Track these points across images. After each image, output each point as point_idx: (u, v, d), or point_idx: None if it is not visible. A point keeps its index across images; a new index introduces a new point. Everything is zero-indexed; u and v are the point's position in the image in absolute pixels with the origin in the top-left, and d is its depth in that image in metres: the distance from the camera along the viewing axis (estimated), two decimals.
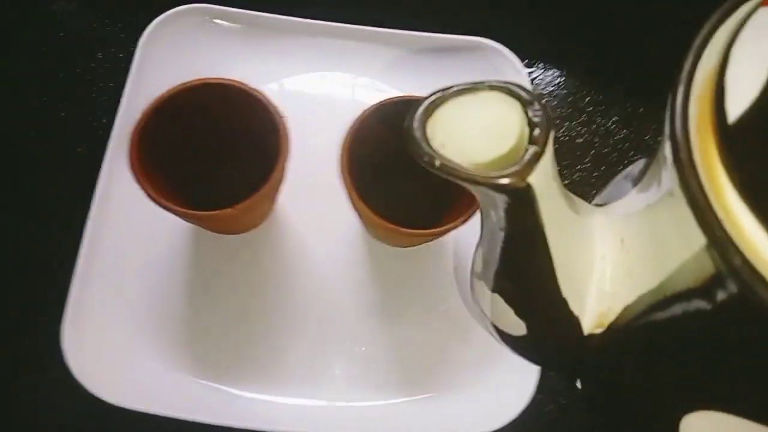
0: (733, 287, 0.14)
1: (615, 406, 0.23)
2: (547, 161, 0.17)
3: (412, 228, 0.32)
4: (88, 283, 0.37)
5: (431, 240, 0.36)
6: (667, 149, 0.16)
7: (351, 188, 0.32)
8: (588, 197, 0.43)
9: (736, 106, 0.16)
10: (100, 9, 0.47)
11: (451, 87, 0.18)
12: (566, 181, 0.44)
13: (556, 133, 0.45)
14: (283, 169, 0.32)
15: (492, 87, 0.18)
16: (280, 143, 0.32)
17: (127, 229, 0.39)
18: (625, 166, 0.45)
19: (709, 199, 0.15)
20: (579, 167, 0.45)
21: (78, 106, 0.45)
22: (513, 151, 0.17)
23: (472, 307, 0.24)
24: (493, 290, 0.21)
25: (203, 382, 0.38)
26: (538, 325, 0.21)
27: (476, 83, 0.18)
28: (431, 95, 0.18)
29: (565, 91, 0.47)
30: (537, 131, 0.17)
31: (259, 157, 0.34)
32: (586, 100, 0.47)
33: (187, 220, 0.33)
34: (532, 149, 0.16)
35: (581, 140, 0.46)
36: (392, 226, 0.32)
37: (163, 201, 0.31)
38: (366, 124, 0.34)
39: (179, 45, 0.43)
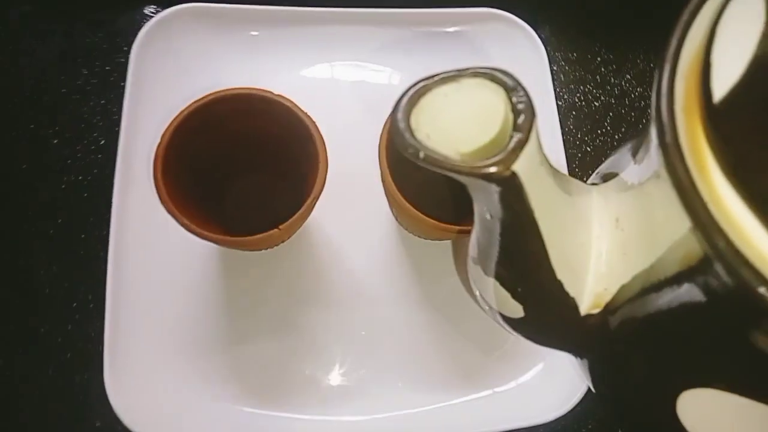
0: (720, 269, 0.14)
1: (615, 384, 0.23)
2: (533, 147, 0.16)
3: (448, 221, 0.32)
4: (120, 325, 0.35)
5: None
6: (652, 131, 0.16)
7: (391, 183, 0.31)
8: None
9: (721, 85, 0.16)
10: (72, 20, 0.43)
11: (434, 76, 0.17)
12: (589, 148, 0.44)
13: (572, 98, 0.45)
14: (324, 178, 0.31)
15: (475, 74, 0.17)
16: (317, 151, 0.31)
17: (150, 260, 0.37)
18: (645, 125, 0.45)
19: (694, 181, 0.14)
20: (600, 132, 0.45)
21: (70, 129, 0.40)
22: (498, 139, 0.17)
23: (472, 292, 0.24)
24: (488, 275, 0.21)
25: (252, 410, 0.35)
26: (535, 308, 0.21)
27: (460, 71, 0.18)
28: (414, 85, 0.17)
29: (575, 55, 0.47)
30: (521, 118, 0.16)
31: (291, 167, 0.34)
32: (597, 60, 0.47)
33: (224, 246, 0.31)
34: (516, 137, 0.16)
35: (598, 103, 0.45)
36: (445, 225, 0.31)
37: (200, 230, 0.29)
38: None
39: (176, 50, 0.40)
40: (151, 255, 0.37)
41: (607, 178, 0.23)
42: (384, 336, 0.37)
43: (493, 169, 0.16)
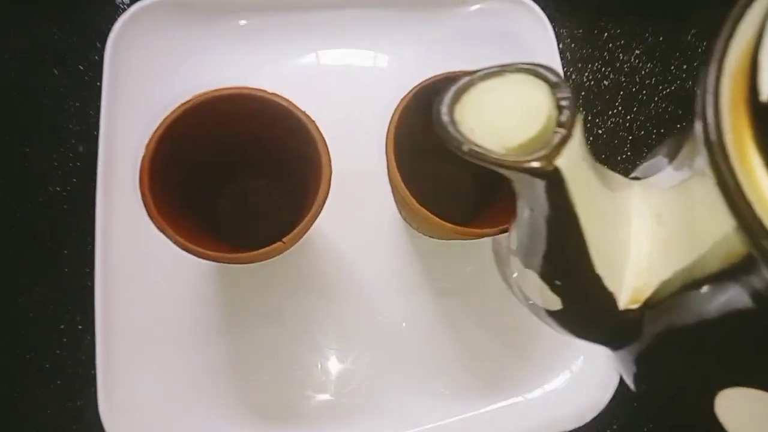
0: (763, 269, 0.14)
1: (651, 379, 0.23)
2: (576, 143, 0.17)
3: (457, 220, 0.29)
4: (112, 347, 0.32)
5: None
6: (698, 129, 0.16)
7: (400, 183, 0.29)
8: (625, 143, 0.42)
9: None
10: (38, 16, 0.39)
11: (478, 71, 0.18)
12: (600, 130, 0.42)
13: (580, 77, 0.43)
14: (329, 184, 0.28)
15: (519, 69, 0.18)
16: (319, 154, 0.28)
17: (140, 275, 0.34)
18: (657, 104, 0.43)
19: (739, 181, 0.14)
20: (611, 112, 0.42)
21: (44, 137, 0.37)
22: (541, 134, 0.17)
23: (508, 282, 0.24)
24: (527, 266, 0.21)
25: None
26: (573, 301, 0.21)
27: (504, 66, 0.18)
28: (458, 80, 0.18)
29: (581, 31, 0.44)
30: (564, 114, 0.17)
31: (290, 170, 0.32)
32: (604, 36, 0.44)
33: (222, 262, 0.28)
34: (560, 133, 0.17)
35: (608, 82, 0.43)
36: (463, 229, 0.29)
37: (195, 248, 0.26)
38: (409, 108, 0.30)
39: (154, 45, 0.37)
40: (141, 269, 0.34)
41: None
42: (398, 345, 0.35)
43: (536, 164, 0.17)
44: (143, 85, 0.36)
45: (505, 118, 0.18)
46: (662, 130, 0.42)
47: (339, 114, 0.37)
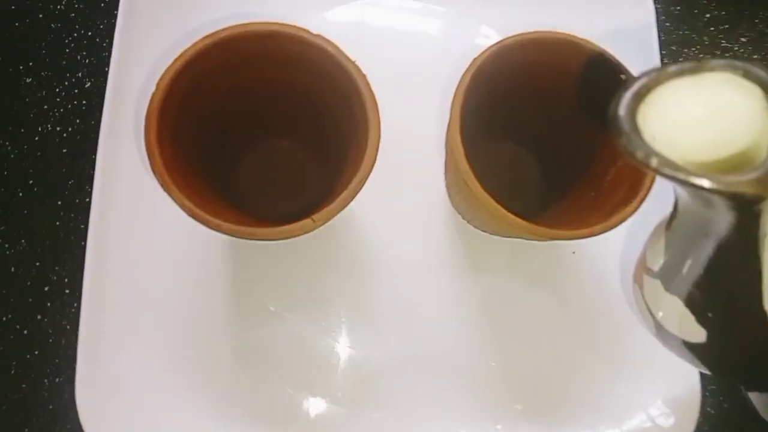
0: None
1: None
2: None
3: (520, 212, 0.24)
4: (99, 320, 0.28)
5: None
6: None
7: (463, 161, 0.24)
8: None
9: None
10: None
11: (666, 67, 0.16)
12: None
13: (669, 60, 0.36)
14: (375, 153, 0.23)
15: (723, 67, 0.15)
16: (366, 116, 0.23)
17: (141, 239, 0.29)
18: None
19: None
20: None
21: (48, 66, 0.32)
22: (744, 151, 0.15)
23: (637, 309, 0.22)
24: (672, 292, 0.19)
25: None
26: (723, 335, 0.19)
27: (699, 63, 0.15)
28: (642, 77, 0.15)
29: (680, 8, 0.38)
30: None
31: (328, 133, 0.27)
32: (706, 17, 0.38)
33: (236, 236, 0.23)
34: None
35: None
36: (534, 227, 0.23)
37: (205, 215, 0.22)
38: (483, 69, 0.24)
39: None
40: (143, 235, 0.29)
41: None
42: (429, 352, 0.30)
43: (747, 189, 0.14)
44: (165, 14, 0.31)
45: (695, 128, 0.15)
46: None
47: (390, 70, 0.31)
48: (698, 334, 0.19)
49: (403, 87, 0.30)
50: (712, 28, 0.38)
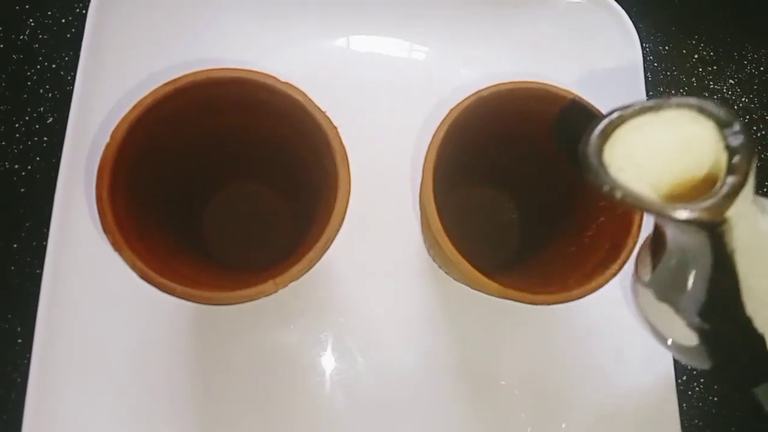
0: None
1: None
2: (748, 189, 0.15)
3: (499, 259, 0.23)
4: (49, 380, 0.26)
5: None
6: None
7: (435, 219, 0.22)
8: None
9: None
10: None
11: (630, 105, 0.17)
12: None
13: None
14: (344, 210, 0.21)
15: (680, 105, 0.16)
16: (336, 170, 0.22)
17: (98, 294, 0.27)
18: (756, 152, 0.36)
19: None
20: None
21: (8, 99, 0.31)
22: (705, 178, 0.16)
23: (635, 311, 0.23)
24: (662, 301, 0.20)
25: None
26: (712, 340, 0.20)
27: (659, 101, 0.17)
28: (608, 116, 0.17)
29: (668, 48, 0.37)
30: (737, 158, 0.15)
31: (296, 179, 0.26)
32: (694, 58, 0.37)
33: (189, 301, 0.21)
34: (731, 179, 0.15)
35: None
36: (511, 291, 0.22)
37: (156, 277, 0.20)
38: (459, 122, 0.23)
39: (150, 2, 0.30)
40: (101, 283, 0.28)
41: None
42: (406, 415, 0.28)
43: (703, 216, 0.15)
44: (134, 46, 0.30)
45: (658, 159, 0.16)
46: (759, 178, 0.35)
47: (363, 116, 0.30)
48: (690, 338, 0.20)
49: (377, 134, 0.29)
50: (700, 69, 0.37)
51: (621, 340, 0.29)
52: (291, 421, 0.27)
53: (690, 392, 0.31)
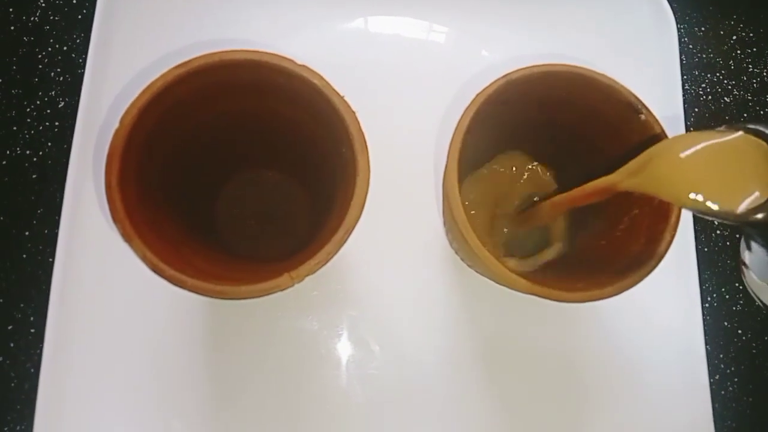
0: None
1: None
2: None
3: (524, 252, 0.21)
4: (61, 371, 0.26)
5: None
6: None
7: (459, 210, 0.21)
8: None
9: None
10: None
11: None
12: None
13: (695, 89, 0.34)
14: (363, 201, 0.20)
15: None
16: (355, 159, 0.20)
17: (111, 283, 0.27)
18: None
19: None
20: None
21: (18, 83, 0.30)
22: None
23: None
24: (764, 280, 0.24)
25: None
26: None
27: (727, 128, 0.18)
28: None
29: (704, 29, 0.35)
30: None
31: (313, 168, 0.25)
32: (732, 40, 0.35)
33: (200, 294, 0.20)
34: None
35: (729, 99, 0.34)
36: (542, 289, 0.21)
37: (167, 269, 0.19)
38: (486, 107, 0.22)
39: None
40: (114, 271, 0.27)
41: None
42: (424, 409, 0.27)
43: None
44: (145, 30, 0.29)
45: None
46: None
47: (382, 100, 0.29)
48: None
49: (397, 118, 0.28)
50: (738, 51, 0.35)
51: (652, 337, 0.28)
52: (308, 414, 0.27)
53: (723, 392, 0.29)
